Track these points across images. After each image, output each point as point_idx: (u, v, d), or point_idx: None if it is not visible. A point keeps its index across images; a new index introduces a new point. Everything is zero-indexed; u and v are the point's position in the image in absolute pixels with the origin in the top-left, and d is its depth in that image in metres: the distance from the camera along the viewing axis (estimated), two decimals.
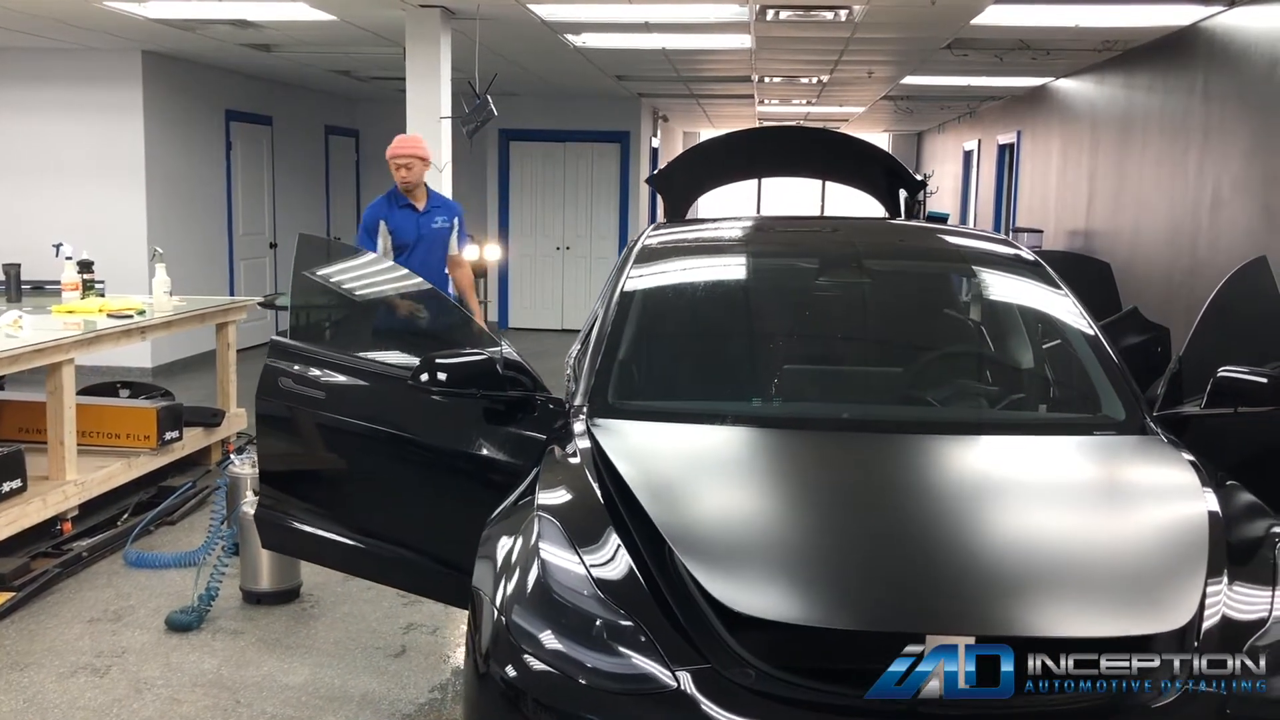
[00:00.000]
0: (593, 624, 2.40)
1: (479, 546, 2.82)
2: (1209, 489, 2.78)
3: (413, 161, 6.16)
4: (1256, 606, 2.44)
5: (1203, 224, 7.06)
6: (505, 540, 2.73)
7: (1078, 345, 3.58)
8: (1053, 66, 9.96)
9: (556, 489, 2.84)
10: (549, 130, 13.75)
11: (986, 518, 2.71)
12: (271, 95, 12.36)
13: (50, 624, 4.48)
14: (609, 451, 2.90)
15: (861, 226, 4.67)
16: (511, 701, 2.39)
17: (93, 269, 6.65)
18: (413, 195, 6.22)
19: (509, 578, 2.59)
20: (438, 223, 6.25)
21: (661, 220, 4.89)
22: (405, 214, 6.21)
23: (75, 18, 7.94)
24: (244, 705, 3.81)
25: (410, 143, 6.28)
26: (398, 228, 6.18)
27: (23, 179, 9.97)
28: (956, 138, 16.59)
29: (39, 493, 5.21)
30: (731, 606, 2.28)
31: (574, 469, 2.91)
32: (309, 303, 4.30)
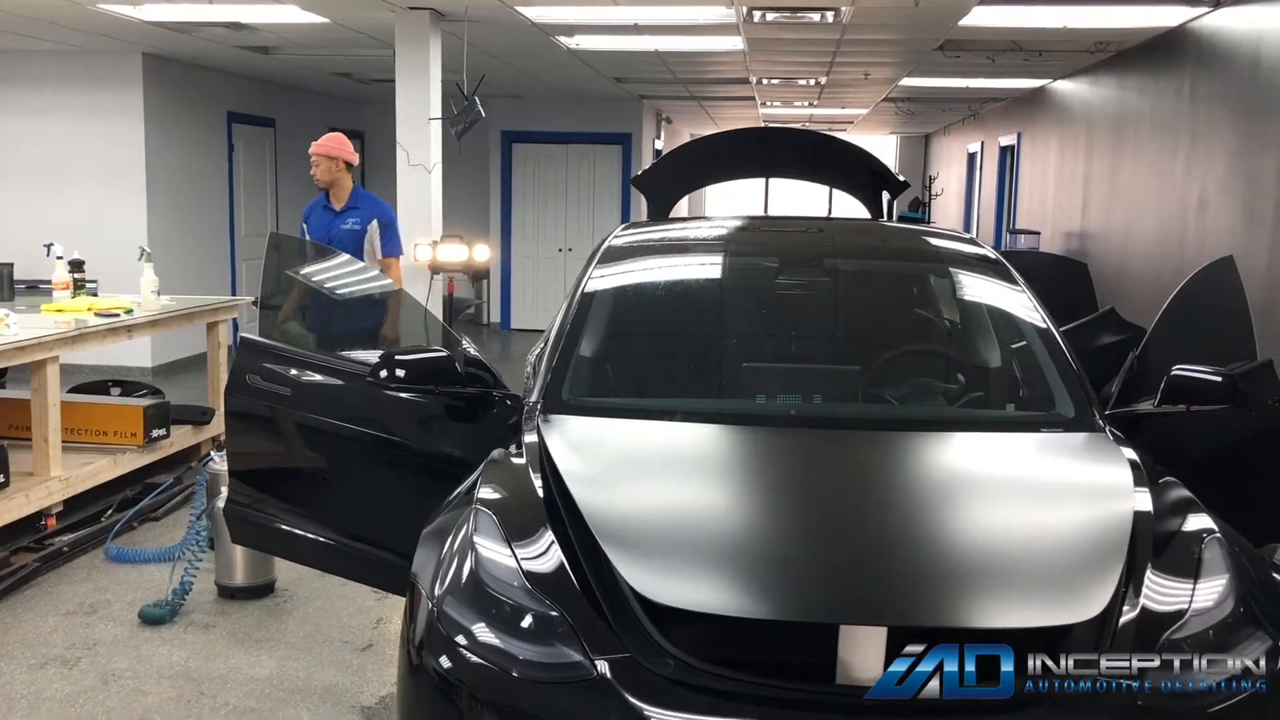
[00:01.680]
0: (520, 615, 2.43)
1: (420, 538, 2.86)
2: (1143, 486, 2.80)
3: (319, 160, 6.21)
4: (1176, 600, 2.46)
5: (1189, 225, 7.05)
6: (444, 533, 2.78)
7: (1033, 343, 3.60)
8: (1048, 68, 9.96)
9: (498, 483, 2.87)
10: (551, 132, 13.81)
11: (916, 512, 2.73)
12: (274, 97, 12.45)
13: (26, 616, 4.54)
14: (552, 446, 2.95)
15: (828, 226, 4.70)
16: (442, 692, 2.43)
17: (84, 268, 6.71)
18: (331, 195, 6.27)
19: (443, 570, 2.63)
20: (348, 224, 6.22)
21: (633, 220, 4.93)
22: (323, 214, 6.27)
23: (72, 20, 8.03)
24: (207, 697, 3.86)
25: (324, 142, 6.27)
26: (313, 227, 6.28)
27: (24, 181, 10.08)
28: (961, 140, 16.57)
29: (21, 488, 5.28)
30: (647, 595, 2.32)
31: (517, 464, 2.95)
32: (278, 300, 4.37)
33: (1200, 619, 2.43)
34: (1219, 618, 2.44)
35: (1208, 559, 2.57)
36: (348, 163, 6.27)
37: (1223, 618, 2.44)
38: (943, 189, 17.82)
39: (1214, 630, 2.42)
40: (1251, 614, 2.51)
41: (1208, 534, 2.66)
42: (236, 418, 3.78)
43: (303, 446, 3.82)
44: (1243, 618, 2.48)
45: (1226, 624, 2.44)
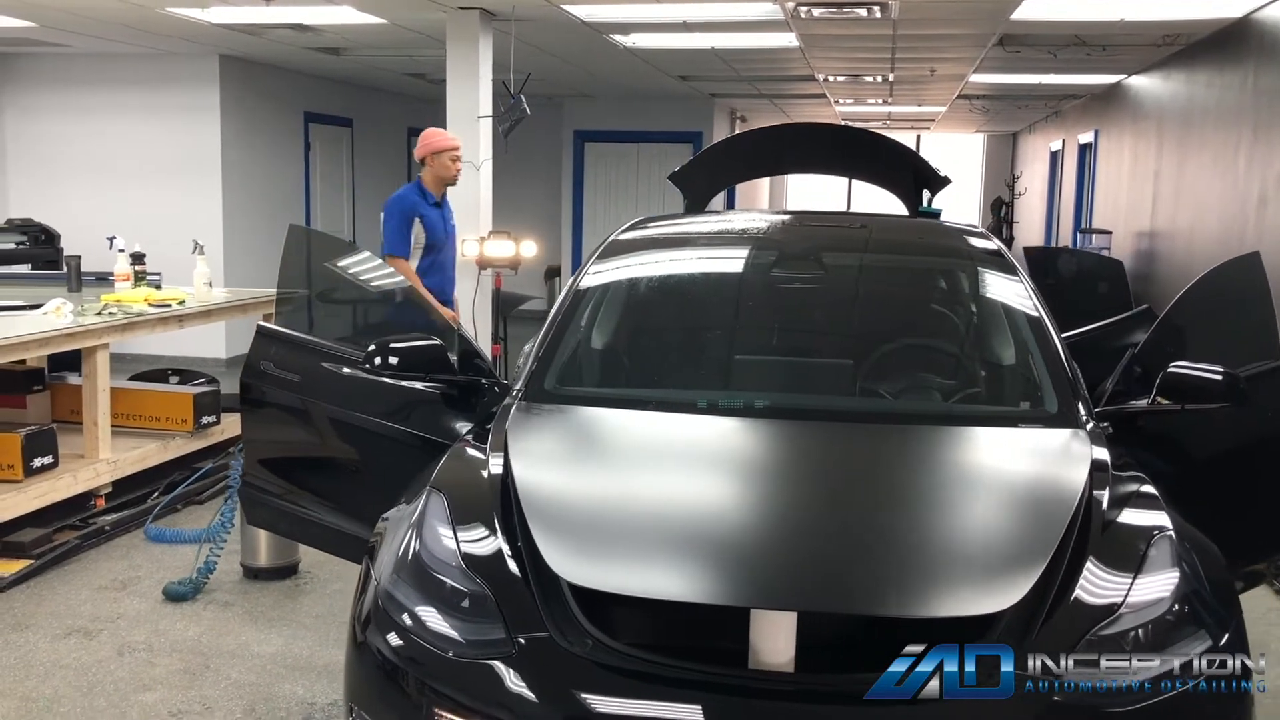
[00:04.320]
0: (455, 595, 2.49)
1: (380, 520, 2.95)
2: (1103, 482, 2.75)
3: (459, 156, 6.12)
4: (1111, 595, 2.41)
5: (1250, 222, 6.81)
6: (400, 514, 2.86)
7: (1025, 338, 3.54)
8: (1119, 63, 9.70)
9: (456, 468, 2.94)
10: (622, 131, 13.92)
11: (857, 502, 2.72)
12: (351, 98, 12.79)
13: (61, 590, 4.77)
14: (514, 433, 3.00)
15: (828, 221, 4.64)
16: (381, 668, 2.50)
17: (144, 261, 6.99)
18: (440, 192, 6.16)
19: (391, 550, 2.71)
20: (453, 220, 6.28)
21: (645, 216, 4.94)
22: (436, 212, 6.08)
23: (147, 23, 8.37)
24: (211, 670, 4.01)
25: (456, 137, 6.20)
26: (431, 226, 6.04)
27: (105, 178, 10.55)
28: (1044, 138, 16.20)
29: (70, 469, 5.53)
30: (562, 575, 2.36)
31: (477, 450, 3.02)
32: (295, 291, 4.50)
33: (1134, 615, 2.38)
34: (1155, 615, 2.39)
35: (1153, 555, 2.51)
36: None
37: (1159, 615, 2.39)
38: (1026, 188, 17.44)
39: (1148, 627, 2.37)
40: (1195, 614, 2.45)
41: (1159, 531, 2.60)
42: (251, 403, 3.92)
43: (313, 432, 3.95)
44: (1185, 616, 2.43)
45: (1164, 622, 2.38)
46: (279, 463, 3.95)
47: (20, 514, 5.13)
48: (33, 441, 5.35)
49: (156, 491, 6.05)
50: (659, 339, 3.87)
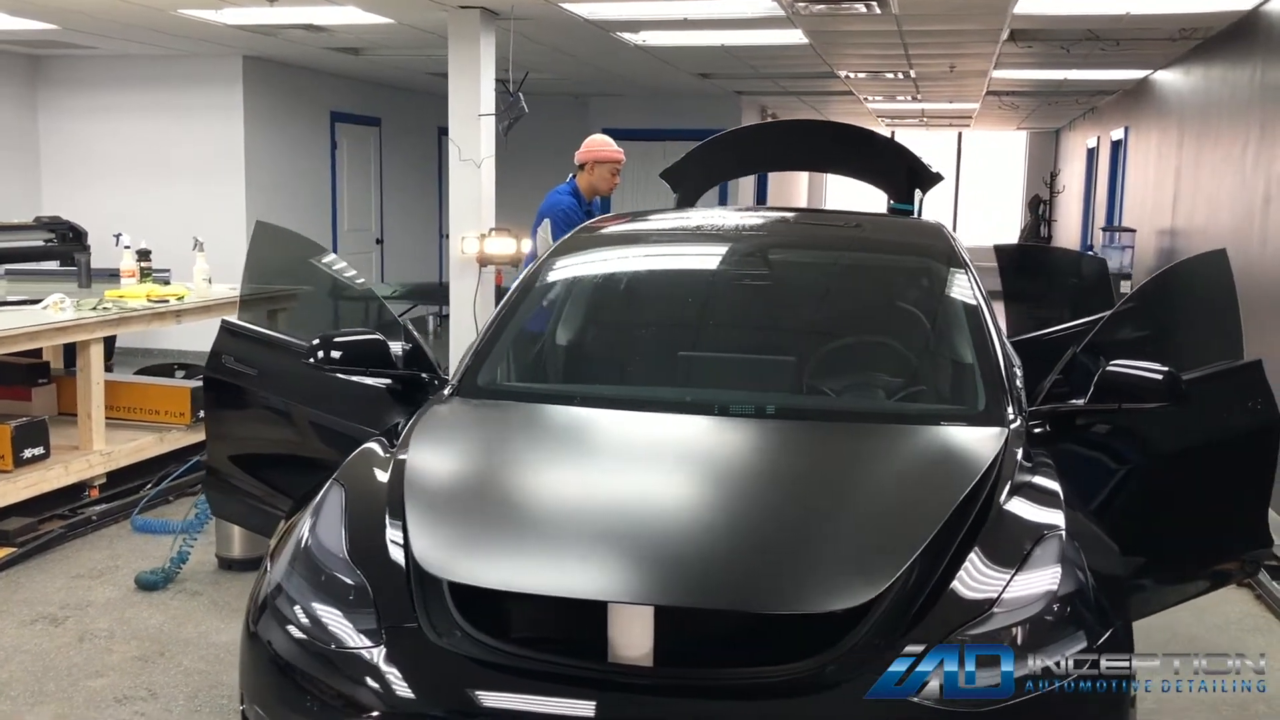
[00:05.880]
0: (338, 587, 2.53)
1: None
2: (1007, 481, 2.72)
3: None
4: (987, 592, 2.38)
5: (1255, 221, 6.66)
6: (304, 506, 2.90)
7: (964, 335, 3.50)
8: (1142, 58, 9.52)
9: (363, 461, 2.98)
10: (647, 129, 13.90)
11: (741, 498, 2.71)
12: (379, 97, 12.93)
13: (39, 578, 4.89)
14: (422, 427, 3.04)
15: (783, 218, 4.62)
16: (272, 661, 2.54)
17: (150, 257, 7.14)
18: (592, 196, 6.10)
19: (286, 541, 2.76)
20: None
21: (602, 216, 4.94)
22: (587, 219, 5.39)
23: (163, 25, 8.52)
24: (166, 658, 4.10)
25: (620, 150, 6.08)
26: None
27: (134, 176, 10.77)
28: (1082, 135, 15.94)
29: (62, 460, 5.67)
30: (425, 567, 2.38)
31: (390, 444, 3.06)
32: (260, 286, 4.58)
33: (1007, 614, 2.35)
34: (1030, 614, 2.36)
35: (1037, 554, 2.48)
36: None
37: (1034, 614, 2.36)
38: (1064, 186, 17.16)
39: (1022, 626, 2.34)
40: (1074, 614, 2.42)
41: (1049, 530, 2.57)
42: (213, 396, 4.01)
43: (270, 426, 4.02)
44: (1062, 616, 2.39)
45: (1039, 621, 2.35)
46: (241, 456, 4.03)
47: (9, 503, 5.27)
48: (23, 433, 5.49)
49: (151, 484, 6.18)
50: (599, 336, 3.89)
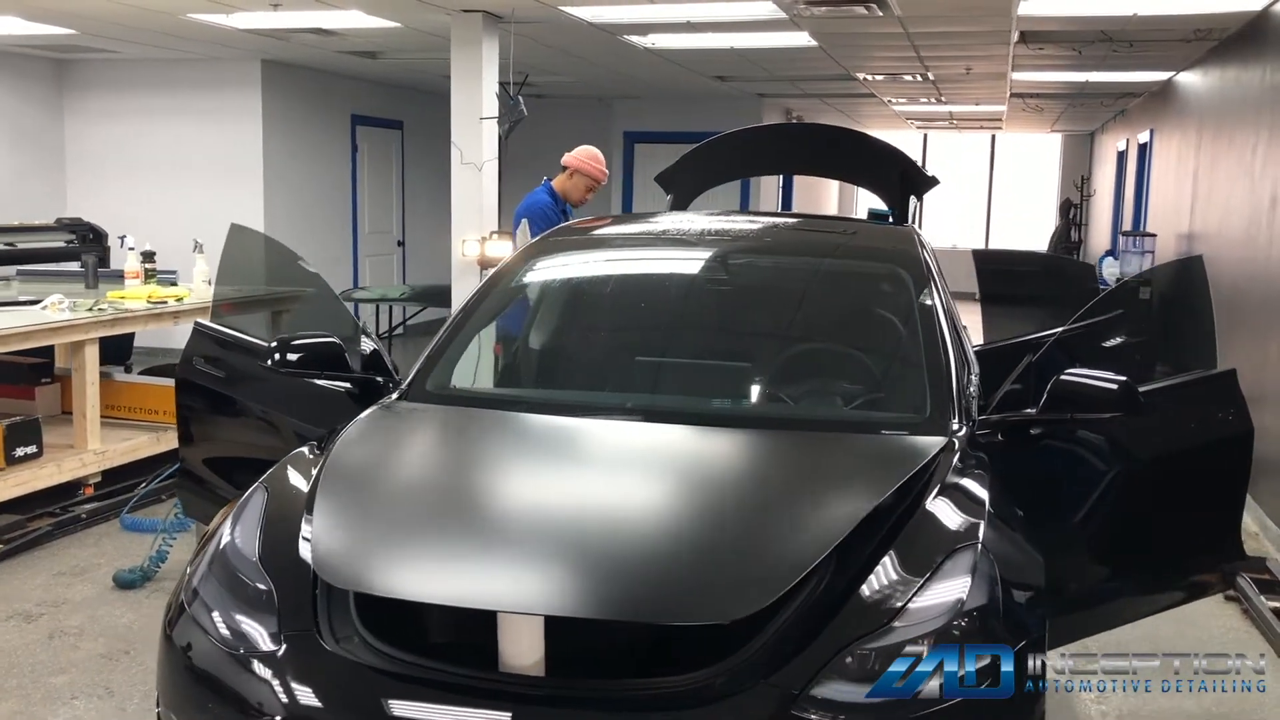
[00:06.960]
0: (248, 591, 2.53)
1: None
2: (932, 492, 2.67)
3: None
4: (891, 603, 2.34)
5: (1262, 224, 6.52)
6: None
7: (916, 343, 3.45)
8: (1160, 60, 9.35)
9: (290, 465, 2.99)
10: (670, 132, 13.88)
11: (645, 506, 2.68)
12: (401, 101, 13.00)
13: (21, 574, 4.96)
14: (350, 432, 3.04)
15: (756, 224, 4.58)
16: (183, 665, 2.54)
17: (154, 259, 7.24)
18: (574, 201, 6.26)
19: (206, 544, 2.77)
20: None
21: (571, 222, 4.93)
22: (562, 218, 5.94)
23: (175, 29, 8.64)
24: (129, 655, 4.14)
25: (605, 172, 6.31)
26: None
27: (155, 178, 10.93)
28: (1113, 137, 15.70)
29: (55, 459, 5.76)
30: (320, 573, 2.38)
31: (308, 450, 3.06)
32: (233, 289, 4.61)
33: (911, 626, 2.31)
34: (935, 626, 2.31)
35: (947, 566, 2.43)
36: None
37: (939, 627, 2.31)
38: (1095, 190, 16.91)
39: (927, 638, 2.29)
40: (982, 627, 2.37)
41: (964, 542, 2.52)
42: (184, 398, 4.04)
43: (237, 427, 4.05)
44: (969, 630, 2.34)
45: (946, 633, 2.31)
46: (211, 457, 4.07)
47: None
48: (15, 431, 5.59)
49: (146, 483, 6.25)
50: (551, 342, 3.87)
